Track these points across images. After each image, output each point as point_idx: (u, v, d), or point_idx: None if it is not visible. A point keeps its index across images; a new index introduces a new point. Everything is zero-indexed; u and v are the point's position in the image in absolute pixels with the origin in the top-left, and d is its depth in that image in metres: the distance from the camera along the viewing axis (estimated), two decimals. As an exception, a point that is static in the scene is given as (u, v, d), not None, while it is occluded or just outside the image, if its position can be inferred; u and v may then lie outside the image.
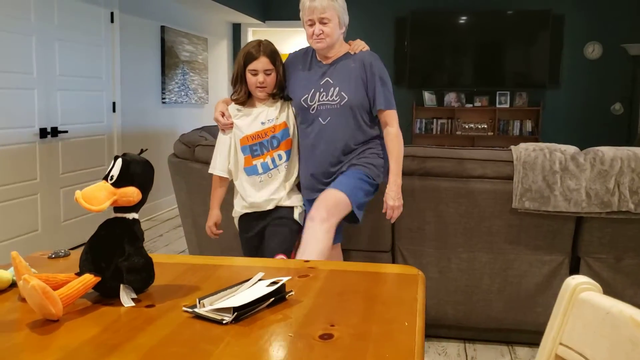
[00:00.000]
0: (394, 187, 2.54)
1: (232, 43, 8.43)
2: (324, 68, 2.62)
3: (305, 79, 2.64)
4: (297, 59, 2.73)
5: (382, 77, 2.55)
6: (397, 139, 2.56)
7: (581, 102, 7.79)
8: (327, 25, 2.51)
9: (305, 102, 2.60)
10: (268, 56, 2.62)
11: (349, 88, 2.55)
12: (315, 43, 2.55)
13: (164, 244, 5.08)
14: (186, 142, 3.48)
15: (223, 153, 2.76)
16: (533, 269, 2.89)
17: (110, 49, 5.34)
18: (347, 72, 2.58)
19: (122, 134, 5.53)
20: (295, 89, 2.66)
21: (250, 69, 2.63)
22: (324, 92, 2.58)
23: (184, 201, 3.52)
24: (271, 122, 2.67)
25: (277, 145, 2.67)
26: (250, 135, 2.68)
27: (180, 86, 6.66)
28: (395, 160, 2.55)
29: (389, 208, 2.55)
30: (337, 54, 2.62)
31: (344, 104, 2.55)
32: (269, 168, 2.67)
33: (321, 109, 2.58)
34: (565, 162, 2.72)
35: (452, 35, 7.88)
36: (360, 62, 2.57)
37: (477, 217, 2.85)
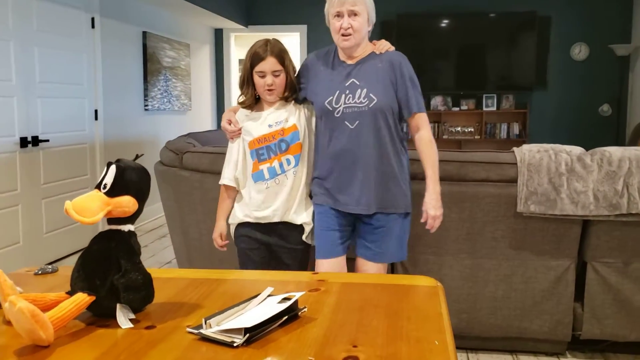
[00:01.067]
0: (433, 195, 2.39)
1: (215, 48, 8.30)
2: (349, 68, 2.43)
3: (328, 81, 2.44)
4: (318, 59, 2.54)
5: (412, 79, 2.41)
6: (431, 143, 2.43)
7: (568, 103, 7.76)
8: (356, 19, 2.32)
9: (330, 104, 2.40)
10: (276, 56, 2.46)
11: (377, 89, 2.36)
12: (342, 41, 2.36)
13: (150, 255, 4.93)
14: (174, 149, 3.34)
15: (231, 162, 2.61)
16: (538, 274, 2.79)
17: (92, 54, 5.18)
18: (374, 72, 2.39)
19: (104, 142, 5.37)
20: (317, 92, 2.46)
21: (257, 71, 2.47)
22: (350, 94, 2.38)
23: (172, 211, 3.37)
24: (279, 125, 2.50)
25: (286, 149, 2.49)
26: (257, 139, 2.52)
27: (162, 93, 6.51)
28: (431, 166, 2.41)
29: (430, 218, 2.39)
30: (363, 53, 2.44)
31: (374, 107, 2.36)
32: (276, 173, 2.49)
33: (347, 112, 2.38)
34: (571, 163, 2.63)
35: (439, 38, 7.82)
36: (388, 63, 2.40)
37: (480, 222, 2.74)
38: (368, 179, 2.40)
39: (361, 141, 2.38)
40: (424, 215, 2.40)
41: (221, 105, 8.37)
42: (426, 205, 2.40)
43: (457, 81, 7.81)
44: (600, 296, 2.77)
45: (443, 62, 7.86)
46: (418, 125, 2.42)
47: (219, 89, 8.36)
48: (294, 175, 2.51)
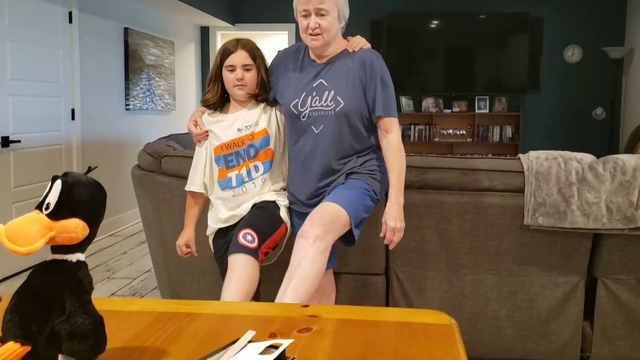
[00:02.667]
0: (395, 205, 2.16)
1: (201, 47, 8.04)
2: (318, 68, 2.26)
3: (296, 81, 2.28)
4: (287, 57, 2.37)
5: (383, 78, 2.20)
6: (398, 150, 2.20)
7: (562, 106, 7.59)
8: (325, 18, 2.15)
9: (295, 107, 2.24)
10: (247, 50, 2.31)
11: (345, 91, 2.19)
12: (310, 40, 2.19)
13: (128, 263, 4.67)
14: (152, 153, 3.10)
15: (198, 166, 2.44)
16: (545, 291, 2.58)
17: (69, 51, 4.91)
18: (344, 72, 2.22)
19: (81, 143, 5.11)
20: (284, 93, 2.31)
21: (227, 65, 2.31)
22: (317, 96, 2.22)
23: (150, 219, 3.13)
24: (249, 129, 2.33)
25: (255, 155, 2.33)
26: (225, 144, 2.35)
27: (145, 92, 6.25)
28: (396, 175, 2.18)
29: (389, 230, 2.16)
30: (334, 51, 2.27)
31: (340, 111, 2.19)
32: (243, 181, 2.34)
33: (314, 116, 2.22)
34: (582, 172, 2.42)
35: (430, 39, 7.62)
36: (359, 62, 2.21)
37: (484, 234, 2.53)
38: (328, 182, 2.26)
39: (324, 148, 2.22)
40: (382, 228, 2.18)
41: (206, 106, 8.11)
42: (386, 216, 2.17)
43: (448, 83, 7.61)
44: (612, 315, 2.57)
45: (434, 63, 7.66)
46: (386, 129, 2.21)
47: (204, 88, 8.08)
48: (262, 183, 2.34)
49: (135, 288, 4.02)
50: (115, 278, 4.26)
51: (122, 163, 5.82)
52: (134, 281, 4.18)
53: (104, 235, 5.53)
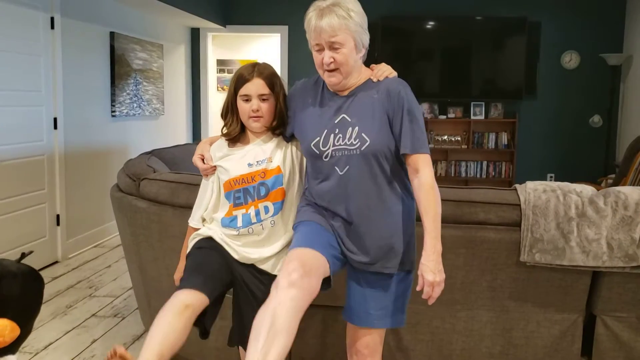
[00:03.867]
0: (432, 255, 1.89)
1: (191, 49, 7.88)
2: (339, 102, 2.03)
3: (316, 117, 2.05)
4: (305, 90, 2.13)
5: (410, 111, 1.95)
6: (432, 191, 1.92)
7: (558, 114, 7.47)
8: (340, 51, 1.92)
9: (316, 147, 2.00)
10: (264, 78, 2.10)
11: (371, 128, 1.95)
12: (328, 77, 1.97)
13: (112, 278, 4.53)
14: (131, 174, 2.96)
15: (203, 202, 2.25)
16: (541, 329, 2.46)
17: (51, 58, 4.75)
18: (368, 106, 1.98)
19: (65, 153, 4.95)
20: (303, 130, 2.07)
21: (242, 95, 2.11)
22: (340, 133, 1.98)
23: (128, 244, 2.99)
24: (260, 165, 2.12)
25: (265, 194, 2.11)
26: (234, 179, 2.13)
27: (132, 97, 6.09)
28: (432, 219, 1.90)
29: (428, 285, 1.88)
30: (356, 83, 2.04)
31: (366, 150, 1.94)
32: (250, 222, 2.11)
33: (337, 156, 1.98)
34: (582, 206, 2.29)
35: (425, 43, 7.48)
36: (385, 93, 1.98)
37: (478, 269, 2.40)
38: (362, 234, 2.01)
39: (351, 191, 1.98)
40: (419, 282, 1.93)
41: (197, 109, 7.96)
42: (423, 269, 1.89)
43: (444, 87, 7.48)
44: (611, 353, 2.45)
45: (430, 67, 7.53)
46: (417, 167, 1.94)
47: (195, 91, 7.95)
48: (272, 226, 2.12)
49: (117, 308, 3.88)
50: (97, 296, 4.11)
51: (108, 172, 5.67)
52: (116, 300, 4.04)
53: (88, 246, 5.39)
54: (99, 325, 3.60)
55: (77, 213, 5.17)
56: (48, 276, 4.56)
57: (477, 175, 7.53)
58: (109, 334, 3.47)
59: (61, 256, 4.95)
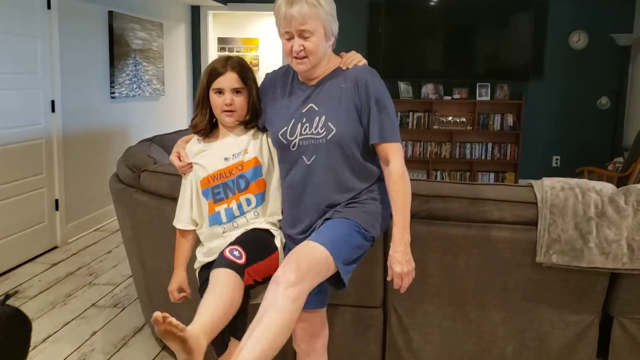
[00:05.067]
0: (399, 246, 1.92)
1: (191, 27, 7.71)
2: (308, 91, 2.04)
3: (284, 107, 2.06)
4: (275, 81, 2.15)
5: (379, 99, 1.95)
6: (402, 180, 1.94)
7: (565, 95, 7.33)
8: (309, 39, 1.92)
9: (284, 136, 2.02)
10: (237, 72, 2.08)
11: (338, 117, 1.96)
12: (296, 64, 1.97)
13: (112, 264, 4.45)
14: (130, 165, 2.86)
15: (185, 201, 2.21)
16: (556, 330, 2.37)
17: (47, 39, 4.61)
18: (335, 94, 1.99)
19: (63, 136, 4.84)
20: (272, 120, 2.08)
21: (214, 88, 2.09)
22: (307, 122, 1.99)
23: (129, 237, 2.91)
24: (237, 158, 2.11)
25: (245, 187, 2.09)
26: (212, 176, 2.12)
27: (132, 78, 5.96)
28: (400, 209, 1.93)
29: (396, 276, 1.92)
30: (325, 71, 2.03)
31: (332, 139, 1.95)
32: (233, 216, 2.11)
33: (304, 145, 1.99)
34: (602, 205, 2.19)
35: (430, 21, 7.31)
36: (352, 81, 1.97)
37: (491, 269, 2.31)
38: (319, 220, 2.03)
39: (317, 181, 1.99)
40: (389, 273, 1.95)
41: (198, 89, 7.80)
42: (391, 259, 1.93)
43: (448, 66, 7.33)
44: (627, 356, 2.37)
45: (435, 46, 7.39)
46: (386, 157, 1.96)
47: (196, 70, 7.80)
48: (256, 217, 2.11)
49: (118, 297, 3.81)
50: (97, 284, 4.04)
51: (108, 154, 5.56)
52: (116, 288, 3.96)
53: (88, 230, 5.31)
54: (99, 315, 3.53)
55: (76, 197, 5.08)
56: (47, 262, 4.49)
57: (482, 157, 7.43)
58: (109, 325, 3.40)
59: (60, 241, 4.87)
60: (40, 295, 3.84)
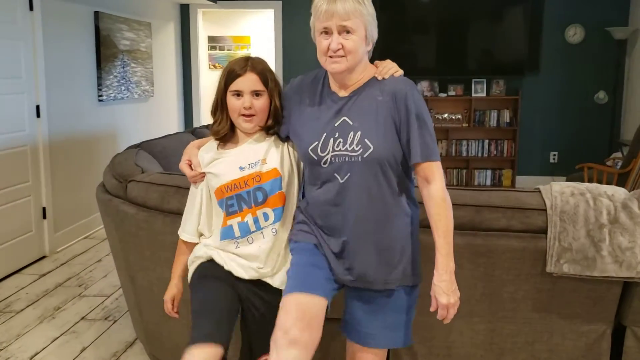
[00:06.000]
0: (445, 275, 1.76)
1: (181, 26, 7.57)
2: (340, 102, 1.84)
3: (314, 119, 1.86)
4: (302, 88, 1.94)
5: (419, 115, 1.78)
6: (444, 204, 1.78)
7: (562, 90, 7.23)
8: (350, 37, 1.75)
9: (314, 152, 1.82)
10: (258, 73, 1.90)
11: (375, 133, 1.78)
12: (331, 63, 1.77)
13: (102, 274, 4.31)
14: (117, 175, 2.73)
15: (191, 211, 2.04)
16: (567, 341, 2.27)
17: (31, 42, 4.47)
18: (371, 108, 1.80)
19: (49, 142, 4.69)
20: (299, 133, 1.89)
21: (232, 90, 1.91)
22: (341, 137, 1.80)
23: (117, 251, 2.78)
24: (254, 167, 1.92)
25: (263, 200, 1.91)
26: (225, 186, 1.93)
27: (120, 80, 5.81)
28: (444, 235, 1.77)
29: (442, 308, 1.77)
30: (359, 81, 1.84)
31: (369, 157, 1.77)
32: (249, 231, 1.92)
33: (337, 162, 1.80)
34: (614, 211, 2.08)
35: (424, 18, 7.21)
36: (390, 95, 1.79)
37: (498, 280, 2.20)
38: (361, 249, 1.83)
39: (352, 200, 1.80)
40: (432, 303, 1.80)
41: (188, 88, 7.67)
42: (436, 290, 1.78)
43: (443, 63, 7.22)
44: (641, 367, 2.26)
45: (429, 41, 7.28)
46: (427, 177, 1.79)
47: (186, 70, 7.66)
48: (274, 235, 1.93)
49: (109, 309, 3.68)
50: (87, 296, 3.91)
51: (96, 160, 5.42)
52: (107, 300, 3.83)
53: (77, 238, 5.17)
54: (89, 330, 3.40)
55: (64, 204, 4.94)
56: (35, 273, 4.35)
57: (479, 154, 7.32)
58: (100, 340, 3.27)
59: (49, 250, 4.73)
60: (27, 308, 3.71)
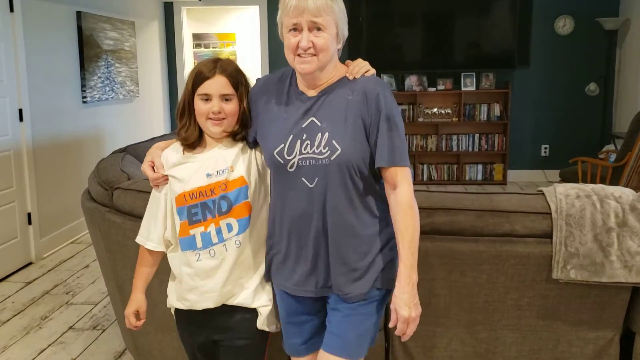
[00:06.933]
0: (407, 287, 1.65)
1: (165, 24, 7.43)
2: (309, 102, 1.74)
3: (280, 120, 1.76)
4: (268, 88, 1.83)
5: (390, 117, 1.67)
6: (411, 210, 1.67)
7: (553, 82, 7.17)
8: (321, 34, 1.65)
9: (280, 155, 1.72)
10: (228, 75, 1.79)
11: (343, 134, 1.68)
12: (300, 63, 1.67)
13: (90, 280, 4.21)
14: (102, 182, 2.62)
15: (156, 217, 1.92)
16: (573, 348, 2.19)
17: (11, 44, 4.33)
18: (341, 108, 1.70)
19: (33, 146, 4.57)
20: (265, 135, 1.79)
21: (200, 94, 1.79)
22: (308, 139, 1.70)
23: (104, 260, 2.67)
24: (221, 175, 1.81)
25: (228, 210, 1.80)
26: (189, 193, 1.82)
27: (104, 80, 5.68)
28: (408, 244, 1.66)
29: (402, 321, 1.66)
30: (329, 80, 1.75)
31: (336, 160, 1.66)
32: (211, 242, 1.81)
33: (305, 166, 1.70)
34: (622, 214, 2.01)
35: (412, 11, 7.11)
36: (360, 94, 1.69)
37: (502, 287, 2.12)
38: (332, 256, 1.74)
39: (322, 205, 1.70)
40: (392, 317, 1.69)
41: (174, 87, 7.54)
42: (397, 302, 1.67)
43: (431, 56, 7.14)
44: (650, 373, 2.19)
45: (417, 34, 7.19)
46: (394, 182, 1.68)
47: (171, 69, 7.53)
48: (237, 247, 1.82)
49: (97, 318, 3.57)
50: (74, 304, 3.80)
51: (81, 162, 5.30)
52: (95, 308, 3.73)
53: (64, 243, 5.05)
54: (77, 340, 3.30)
55: (50, 209, 4.82)
56: (21, 280, 4.24)
57: (469, 148, 7.26)
58: (89, 350, 3.17)
59: (35, 257, 4.61)
60: (13, 318, 3.60)
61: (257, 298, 1.86)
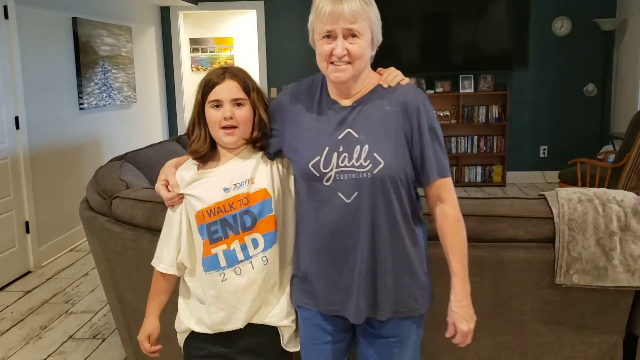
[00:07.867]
0: (463, 301, 1.66)
1: (161, 29, 7.42)
2: (343, 113, 1.65)
3: (313, 131, 1.67)
4: (296, 98, 1.74)
5: (432, 129, 1.63)
6: (459, 224, 1.66)
7: (551, 83, 7.17)
8: (356, 42, 1.57)
9: (316, 168, 1.62)
10: (237, 80, 1.72)
11: (385, 147, 1.60)
12: (334, 71, 1.59)
13: (90, 289, 4.18)
14: (101, 191, 2.60)
15: (169, 238, 1.83)
16: (577, 353, 2.17)
17: (6, 51, 4.32)
18: (380, 120, 1.63)
19: (30, 154, 4.55)
20: (296, 147, 1.69)
21: (211, 101, 1.71)
22: (346, 152, 1.61)
23: (103, 270, 2.65)
24: (240, 188, 1.71)
25: (252, 225, 1.71)
26: (207, 209, 1.72)
27: (101, 87, 5.66)
28: (460, 257, 1.66)
29: (462, 335, 1.67)
30: (364, 89, 1.67)
31: (380, 173, 1.59)
32: (236, 260, 1.72)
33: (342, 179, 1.61)
34: (625, 218, 1.99)
35: (409, 13, 7.11)
36: (400, 105, 1.62)
37: (505, 293, 2.10)
38: (370, 275, 1.66)
39: (361, 222, 1.61)
40: (450, 330, 1.68)
41: (171, 92, 7.53)
42: (454, 316, 1.66)
43: (430, 60, 7.12)
44: (654, 377, 2.18)
45: (415, 38, 7.18)
46: (440, 196, 1.65)
47: (168, 74, 7.51)
48: (264, 264, 1.73)
49: (97, 327, 3.55)
50: (74, 312, 3.78)
51: (79, 169, 5.28)
52: (95, 316, 3.70)
53: (63, 251, 5.02)
54: (77, 350, 3.28)
55: (48, 217, 4.79)
56: (20, 290, 4.21)
57: (468, 150, 7.25)
58: (89, 360, 3.16)
59: (34, 265, 4.59)
60: (13, 328, 3.58)
61: (283, 316, 1.80)
